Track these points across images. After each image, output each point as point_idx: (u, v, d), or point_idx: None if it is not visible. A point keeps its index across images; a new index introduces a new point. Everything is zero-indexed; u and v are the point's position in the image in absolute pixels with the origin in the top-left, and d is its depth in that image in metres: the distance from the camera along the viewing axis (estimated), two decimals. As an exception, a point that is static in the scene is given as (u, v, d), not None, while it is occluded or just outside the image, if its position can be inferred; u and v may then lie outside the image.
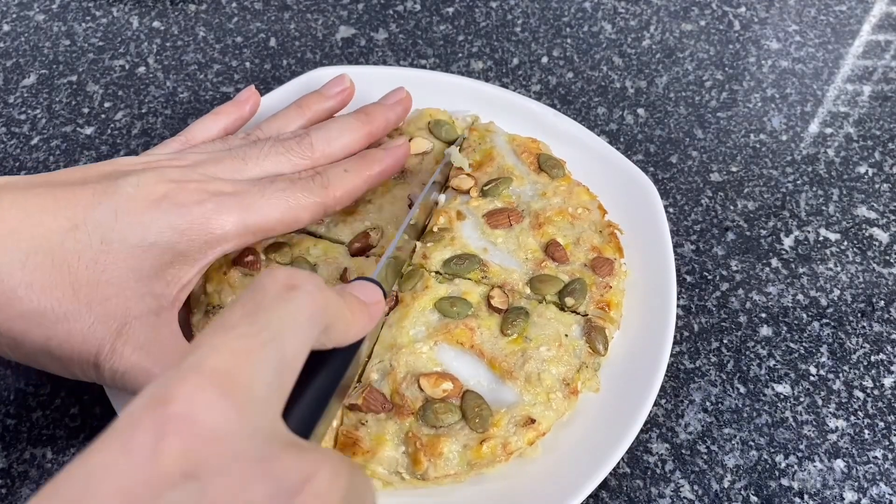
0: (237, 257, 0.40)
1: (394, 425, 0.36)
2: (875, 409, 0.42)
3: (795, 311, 0.46)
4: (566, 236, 0.42)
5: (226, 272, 0.40)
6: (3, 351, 0.33)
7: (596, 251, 0.42)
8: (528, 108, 0.50)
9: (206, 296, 0.40)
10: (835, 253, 0.48)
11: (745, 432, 0.41)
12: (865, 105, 0.57)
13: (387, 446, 0.36)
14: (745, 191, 0.51)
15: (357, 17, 0.62)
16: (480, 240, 0.42)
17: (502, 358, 0.38)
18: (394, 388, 0.37)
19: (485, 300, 0.40)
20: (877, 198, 0.51)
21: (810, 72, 0.58)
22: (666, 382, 0.43)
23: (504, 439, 0.36)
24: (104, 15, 0.62)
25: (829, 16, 0.63)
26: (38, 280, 0.31)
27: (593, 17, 0.62)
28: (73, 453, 0.40)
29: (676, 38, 0.61)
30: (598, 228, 0.43)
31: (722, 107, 0.56)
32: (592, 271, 0.41)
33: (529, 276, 0.41)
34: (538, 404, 0.37)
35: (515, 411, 0.37)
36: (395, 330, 0.38)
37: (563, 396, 0.37)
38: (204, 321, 0.39)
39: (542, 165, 0.45)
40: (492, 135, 0.47)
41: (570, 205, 0.44)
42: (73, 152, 0.53)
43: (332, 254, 0.41)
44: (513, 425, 0.36)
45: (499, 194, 0.43)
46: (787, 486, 0.39)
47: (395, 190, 0.44)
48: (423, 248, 0.41)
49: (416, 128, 0.47)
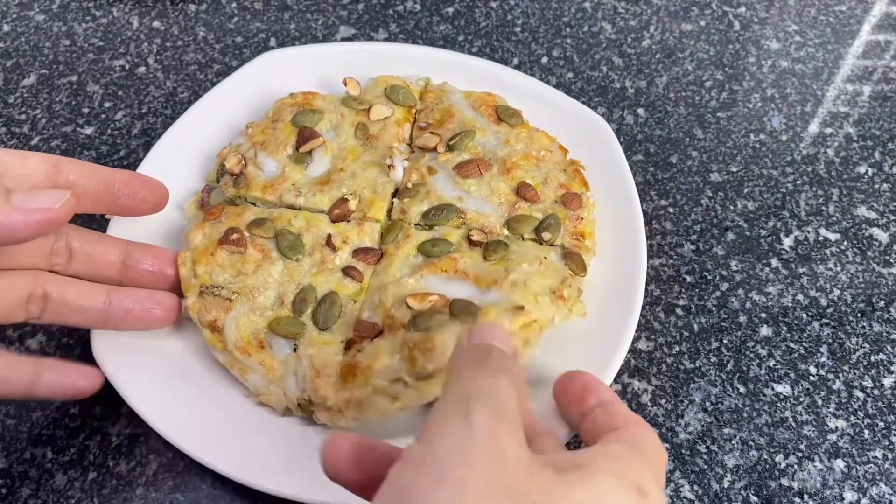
0: (223, 237, 0.41)
1: (387, 342, 0.38)
2: (875, 409, 0.42)
3: (795, 311, 0.46)
4: (534, 177, 0.44)
5: (213, 253, 0.40)
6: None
7: (564, 188, 0.44)
8: (478, 67, 0.52)
9: (196, 278, 0.40)
10: (835, 253, 0.48)
11: (745, 432, 0.41)
12: (865, 105, 0.57)
13: (383, 358, 0.37)
14: (744, 191, 0.51)
15: (357, 17, 0.62)
16: (454, 190, 0.43)
17: (486, 274, 0.40)
18: (384, 314, 0.38)
19: (465, 239, 0.42)
20: (877, 198, 0.51)
21: (810, 72, 0.58)
22: (665, 382, 0.43)
23: None
24: (104, 15, 0.62)
25: (829, 16, 0.63)
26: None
27: (593, 17, 0.62)
28: (72, 453, 0.40)
29: (676, 38, 0.61)
30: (562, 167, 0.45)
31: (722, 107, 0.56)
32: (563, 206, 0.43)
33: (505, 218, 0.43)
34: (526, 302, 0.38)
35: (502, 305, 0.38)
36: (382, 276, 0.40)
37: (550, 301, 0.39)
38: (200, 302, 0.39)
39: (500, 116, 0.47)
40: (447, 94, 0.49)
41: (533, 148, 0.46)
42: (73, 152, 0.53)
43: (314, 222, 0.42)
44: (502, 314, 0.37)
45: (465, 147, 0.45)
46: (787, 485, 0.39)
47: (364, 156, 0.45)
48: (401, 203, 0.43)
49: (373, 95, 0.48)
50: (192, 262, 0.40)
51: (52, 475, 0.39)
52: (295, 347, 0.38)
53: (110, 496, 0.39)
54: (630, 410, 0.32)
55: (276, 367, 0.38)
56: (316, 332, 0.39)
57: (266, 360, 0.38)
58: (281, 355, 0.38)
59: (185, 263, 0.41)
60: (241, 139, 0.47)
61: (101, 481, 0.39)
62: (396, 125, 0.47)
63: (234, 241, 0.41)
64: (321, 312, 0.39)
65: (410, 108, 0.48)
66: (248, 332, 0.39)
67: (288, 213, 0.42)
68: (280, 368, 0.38)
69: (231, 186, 0.44)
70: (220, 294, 0.39)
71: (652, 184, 0.51)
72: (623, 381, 0.42)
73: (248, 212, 0.42)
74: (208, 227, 0.42)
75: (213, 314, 0.39)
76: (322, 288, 0.40)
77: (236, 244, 0.41)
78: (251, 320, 0.39)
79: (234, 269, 0.40)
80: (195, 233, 0.42)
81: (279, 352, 0.38)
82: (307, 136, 0.45)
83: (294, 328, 0.39)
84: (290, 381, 0.38)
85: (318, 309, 0.39)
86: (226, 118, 0.49)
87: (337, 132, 0.46)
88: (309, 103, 0.47)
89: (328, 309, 0.39)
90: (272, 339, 0.39)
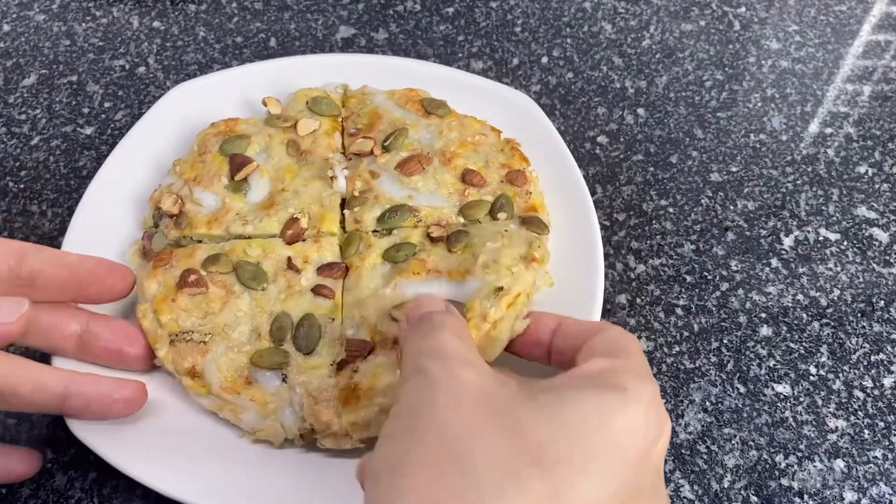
0: (180, 281, 0.39)
1: (382, 358, 0.37)
2: (875, 409, 0.42)
3: (795, 311, 0.46)
4: (476, 162, 0.45)
5: (174, 299, 0.39)
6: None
7: (506, 167, 0.45)
8: (392, 65, 0.52)
9: (162, 327, 0.38)
10: (835, 253, 0.48)
11: (745, 432, 0.41)
12: (865, 105, 0.57)
13: (384, 377, 0.36)
14: (744, 191, 0.51)
15: (357, 17, 0.62)
16: (402, 190, 0.43)
17: (457, 266, 0.40)
18: (371, 331, 0.38)
19: (426, 238, 0.42)
20: (877, 198, 0.51)
21: (810, 72, 0.58)
22: (665, 382, 0.43)
23: (482, 314, 0.36)
24: (104, 15, 0.62)
25: (829, 16, 0.63)
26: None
27: (593, 17, 0.62)
28: (73, 453, 0.40)
29: (676, 38, 0.61)
30: (499, 148, 0.46)
31: (722, 107, 0.56)
32: (510, 184, 0.44)
33: (458, 207, 0.43)
34: (503, 279, 0.38)
35: (483, 292, 0.38)
36: (354, 291, 0.40)
37: (525, 267, 0.39)
38: (173, 351, 0.37)
39: (427, 109, 0.47)
40: (370, 96, 0.49)
41: (468, 135, 0.46)
42: (73, 152, 0.53)
43: (270, 248, 0.41)
44: (486, 301, 0.37)
45: (401, 145, 0.45)
46: (787, 486, 0.39)
47: (301, 172, 0.44)
48: (352, 213, 0.43)
49: (296, 111, 0.48)
50: (153, 312, 0.39)
51: (52, 475, 0.39)
52: (284, 377, 0.37)
53: (111, 496, 0.39)
54: (582, 321, 0.34)
55: (268, 401, 0.37)
56: (301, 357, 0.38)
57: (257, 396, 0.37)
58: (271, 388, 0.37)
59: (146, 315, 0.39)
60: (172, 178, 0.45)
61: (102, 481, 0.39)
62: (326, 136, 0.46)
63: (194, 283, 0.39)
64: (301, 336, 0.38)
65: (336, 116, 0.47)
66: (230, 371, 0.37)
67: (241, 243, 0.41)
68: (273, 401, 0.37)
69: (173, 228, 0.42)
70: (192, 339, 0.38)
71: (652, 184, 0.51)
72: (623, 381, 0.42)
73: (198, 251, 0.41)
74: (161, 274, 0.40)
75: (189, 360, 0.37)
76: (296, 312, 0.39)
77: (196, 285, 0.39)
78: (231, 358, 0.37)
79: (201, 311, 0.39)
80: (149, 282, 0.40)
81: (268, 385, 0.37)
82: (240, 163, 0.44)
83: (278, 358, 0.37)
84: (286, 412, 0.37)
85: (297, 334, 0.38)
86: (150, 157, 0.47)
87: (268, 154, 0.45)
88: (233, 130, 0.46)
89: (308, 331, 0.38)
90: (257, 373, 0.37)
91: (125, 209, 0.46)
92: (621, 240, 0.48)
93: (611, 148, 0.53)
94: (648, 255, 0.48)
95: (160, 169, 0.47)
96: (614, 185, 0.51)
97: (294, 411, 0.37)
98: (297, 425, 0.37)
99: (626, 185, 0.51)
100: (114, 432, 0.37)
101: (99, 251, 0.41)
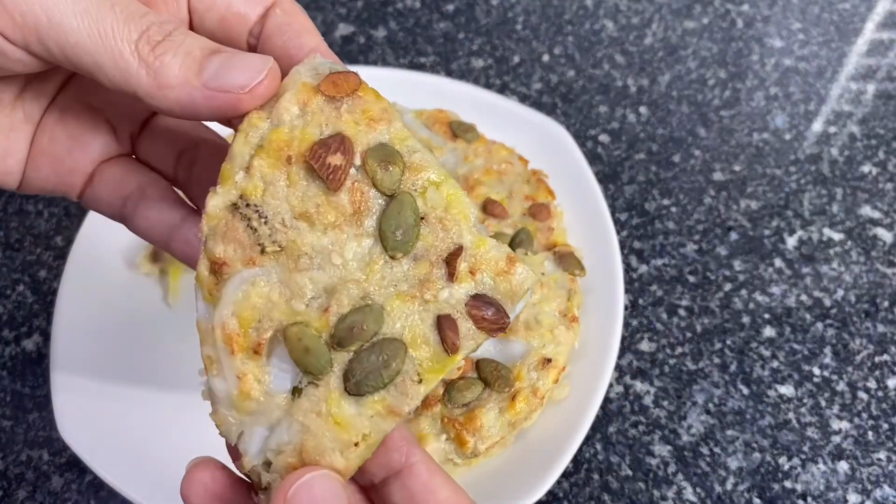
0: (319, 145, 0.24)
1: (425, 419, 0.37)
2: (879, 411, 0.41)
3: (799, 312, 0.45)
4: (499, 192, 0.44)
5: (291, 157, 0.24)
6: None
7: (530, 199, 0.44)
8: (424, 82, 0.51)
9: (248, 172, 0.24)
10: (838, 253, 0.48)
11: (748, 434, 0.41)
12: (869, 104, 0.56)
13: (429, 439, 0.36)
14: (748, 190, 0.51)
15: (356, 15, 0.61)
16: None
17: None
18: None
19: None
20: (881, 197, 0.51)
21: (814, 70, 0.58)
22: (668, 384, 0.42)
23: (531, 387, 0.37)
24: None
25: (832, 14, 0.62)
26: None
27: (595, 15, 0.61)
28: (69, 455, 0.39)
29: (679, 35, 0.60)
30: (524, 178, 0.45)
31: (725, 105, 0.56)
32: (532, 218, 0.43)
33: None
34: (547, 344, 0.38)
35: (529, 358, 0.38)
36: None
37: (566, 329, 0.39)
38: (224, 217, 0.24)
39: (455, 132, 0.46)
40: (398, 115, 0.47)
41: (493, 162, 0.45)
42: (70, 151, 0.52)
43: (457, 202, 0.25)
44: (533, 371, 0.37)
45: None
46: (791, 488, 0.39)
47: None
48: None
49: None
50: (259, 140, 0.24)
51: (49, 477, 0.39)
52: (298, 390, 0.23)
53: (107, 499, 0.38)
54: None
55: (253, 395, 0.23)
56: (338, 389, 0.23)
57: (247, 375, 0.23)
58: (273, 384, 0.24)
59: (245, 134, 0.24)
60: None
61: (98, 483, 0.39)
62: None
63: (330, 168, 0.23)
64: (364, 365, 0.23)
65: None
66: (252, 312, 0.23)
67: (431, 166, 0.24)
68: (257, 403, 0.23)
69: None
70: (258, 227, 0.24)
71: (654, 183, 0.51)
72: (625, 383, 0.42)
73: (371, 133, 0.24)
74: (318, 103, 0.24)
75: (226, 250, 0.24)
76: (391, 326, 0.23)
77: (330, 172, 0.23)
78: (270, 299, 0.23)
79: (301, 205, 0.24)
80: (300, 95, 0.24)
81: (274, 379, 0.24)
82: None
83: (319, 361, 0.23)
84: (256, 432, 0.24)
85: (361, 357, 0.23)
86: None
87: None
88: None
89: (381, 364, 0.23)
90: (277, 349, 0.24)
91: None
92: (623, 240, 0.48)
93: (613, 147, 0.53)
94: (651, 255, 0.47)
95: None
96: (616, 184, 0.51)
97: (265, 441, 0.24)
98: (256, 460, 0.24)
99: (628, 185, 0.51)
100: (103, 443, 0.36)
101: (108, 251, 0.41)
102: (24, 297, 0.46)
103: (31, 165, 0.28)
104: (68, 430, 0.36)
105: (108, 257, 0.43)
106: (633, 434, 0.40)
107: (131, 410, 0.38)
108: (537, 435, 0.38)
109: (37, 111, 0.28)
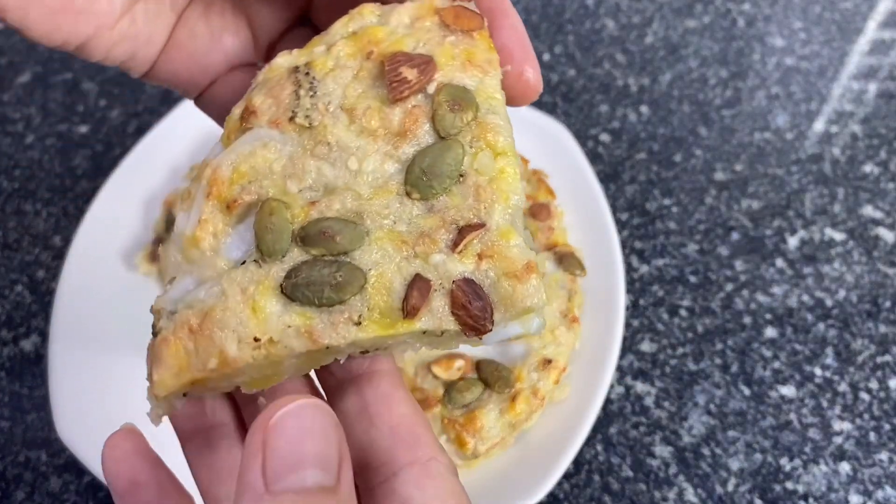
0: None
1: None
2: (881, 412, 0.41)
3: (800, 312, 0.45)
4: None
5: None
6: None
7: (530, 199, 0.44)
8: None
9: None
10: (840, 253, 0.48)
11: (750, 435, 0.40)
12: (871, 103, 0.56)
13: None
14: (749, 190, 0.51)
15: (356, 14, 0.61)
16: None
17: None
18: (411, 386, 0.38)
19: None
20: (883, 197, 0.50)
21: (815, 69, 0.58)
22: (669, 385, 0.42)
23: (531, 388, 0.37)
24: (100, 11, 0.61)
25: (834, 13, 0.62)
26: None
27: (595, 14, 0.61)
28: (67, 456, 0.39)
29: (680, 34, 0.60)
30: (525, 178, 0.45)
31: (726, 104, 0.55)
32: (533, 218, 0.43)
33: None
34: (547, 345, 0.38)
35: (530, 359, 0.38)
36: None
37: (566, 329, 0.39)
38: (281, 72, 0.23)
39: None
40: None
41: None
42: (68, 151, 0.52)
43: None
44: (533, 372, 0.37)
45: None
46: (792, 489, 0.39)
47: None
48: None
49: None
50: (358, 28, 0.23)
51: (47, 478, 0.39)
52: (243, 263, 0.21)
53: (106, 500, 0.38)
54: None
55: (202, 246, 0.22)
56: (276, 280, 0.21)
57: (208, 224, 0.22)
58: (225, 246, 0.22)
59: (351, 17, 0.24)
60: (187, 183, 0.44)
61: (97, 485, 0.38)
62: None
63: (399, 78, 0.22)
64: (311, 272, 0.21)
65: None
66: (249, 171, 0.22)
67: (501, 133, 0.23)
68: (201, 255, 0.22)
69: None
70: (302, 97, 0.22)
71: (655, 182, 0.51)
72: (626, 384, 0.42)
73: (461, 73, 0.23)
74: (430, 23, 0.23)
75: (263, 101, 0.23)
76: (364, 256, 0.21)
77: (397, 81, 0.22)
78: (270, 167, 0.22)
79: (354, 100, 0.22)
80: (419, 9, 0.23)
81: (229, 242, 0.22)
82: None
83: (275, 244, 0.21)
84: (185, 282, 0.22)
85: (315, 264, 0.21)
86: (164, 162, 0.47)
87: None
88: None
89: (328, 281, 0.20)
90: (248, 218, 0.22)
91: (134, 210, 0.46)
92: (624, 240, 0.48)
93: (613, 146, 0.53)
94: (652, 255, 0.47)
95: (172, 173, 0.47)
96: (617, 183, 0.51)
97: (190, 291, 0.22)
98: (172, 304, 0.22)
99: (629, 184, 0.51)
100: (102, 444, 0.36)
101: (106, 251, 0.41)
102: (22, 298, 0.45)
103: (164, 57, 0.26)
104: (66, 431, 0.36)
105: (107, 258, 0.43)
106: (634, 435, 0.40)
107: (130, 411, 0.38)
108: (538, 436, 0.37)
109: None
